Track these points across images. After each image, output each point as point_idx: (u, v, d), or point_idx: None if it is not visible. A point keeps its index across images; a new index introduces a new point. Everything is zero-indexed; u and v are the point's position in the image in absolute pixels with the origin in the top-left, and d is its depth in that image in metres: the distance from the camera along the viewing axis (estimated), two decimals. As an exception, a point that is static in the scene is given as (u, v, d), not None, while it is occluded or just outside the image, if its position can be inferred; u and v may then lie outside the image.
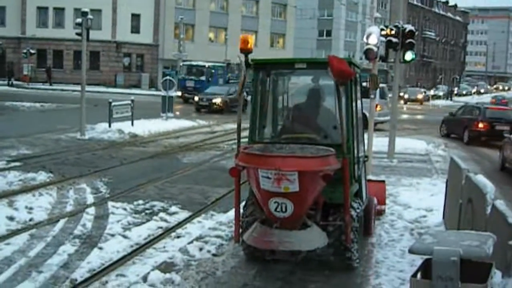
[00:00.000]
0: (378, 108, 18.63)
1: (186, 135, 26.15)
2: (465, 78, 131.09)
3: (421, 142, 26.28)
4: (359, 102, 9.53)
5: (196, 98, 40.43)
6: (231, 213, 11.54)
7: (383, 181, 12.74)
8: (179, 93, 45.17)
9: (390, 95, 17.43)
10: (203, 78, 49.18)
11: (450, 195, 10.89)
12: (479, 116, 28.44)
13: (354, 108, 8.81)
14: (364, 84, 12.17)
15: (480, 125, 27.88)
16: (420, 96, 69.94)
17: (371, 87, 15.26)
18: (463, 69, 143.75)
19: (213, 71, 50.47)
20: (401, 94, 65.40)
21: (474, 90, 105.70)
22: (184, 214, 11.92)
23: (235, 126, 32.16)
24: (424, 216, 12.11)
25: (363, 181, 9.90)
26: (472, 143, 27.73)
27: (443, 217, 11.47)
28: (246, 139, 9.11)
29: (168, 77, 31.54)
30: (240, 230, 8.56)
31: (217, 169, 17.50)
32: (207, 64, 51.07)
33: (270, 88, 9.22)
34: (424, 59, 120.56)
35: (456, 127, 30.21)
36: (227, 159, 19.35)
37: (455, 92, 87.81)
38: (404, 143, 23.88)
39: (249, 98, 46.26)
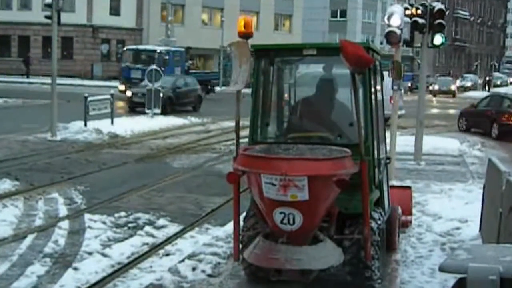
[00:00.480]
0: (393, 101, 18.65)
1: (176, 134, 26.19)
2: (505, 65, 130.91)
3: (453, 141, 26.29)
4: (379, 94, 9.46)
5: (129, 93, 35.68)
6: (230, 226, 11.52)
7: (409, 187, 12.73)
8: (122, 87, 41.24)
9: (394, 87, 17.32)
10: (154, 66, 44.73)
11: (488, 204, 10.89)
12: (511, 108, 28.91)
13: (373, 102, 8.74)
14: (385, 73, 12.10)
15: None
16: (453, 87, 70.10)
17: (394, 77, 15.26)
18: (502, 54, 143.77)
19: (167, 57, 45.64)
20: (430, 85, 65.46)
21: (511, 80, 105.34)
22: (174, 228, 11.94)
23: (233, 123, 32.10)
24: (458, 228, 12.10)
25: (385, 188, 9.83)
26: (504, 139, 28.10)
27: (480, 229, 11.47)
28: (246, 139, 9.11)
29: (153, 67, 31.57)
30: (240, 246, 8.48)
31: (212, 175, 17.52)
32: (158, 49, 46.85)
33: (274, 78, 9.15)
34: (456, 44, 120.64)
35: (480, 121, 30.63)
36: (224, 163, 19.37)
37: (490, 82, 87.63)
38: (433, 142, 23.88)
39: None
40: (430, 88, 64.49)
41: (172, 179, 16.70)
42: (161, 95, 31.78)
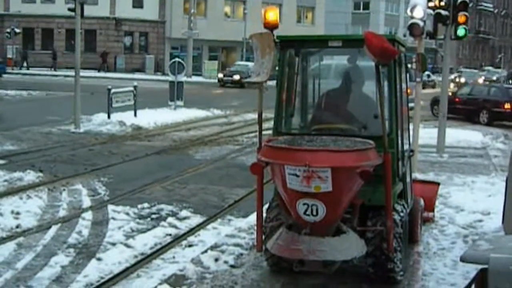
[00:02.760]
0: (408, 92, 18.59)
1: (198, 127, 26.25)
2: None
3: (476, 133, 26.16)
4: (404, 86, 9.49)
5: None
6: (252, 218, 11.58)
7: (438, 184, 12.61)
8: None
9: (417, 79, 17.30)
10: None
11: (511, 196, 10.84)
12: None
13: (398, 94, 8.77)
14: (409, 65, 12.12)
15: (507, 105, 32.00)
16: (480, 80, 69.17)
17: (418, 69, 15.27)
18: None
19: None
20: (454, 77, 64.93)
21: None
22: (196, 219, 11.99)
23: (256, 116, 32.10)
24: (480, 221, 12.08)
25: (408, 180, 9.83)
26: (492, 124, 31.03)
27: (503, 222, 11.41)
28: (270, 131, 9.14)
29: (177, 59, 31.64)
30: (263, 237, 8.51)
31: (235, 167, 17.57)
32: None
33: (299, 70, 9.21)
34: (480, 36, 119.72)
35: (462, 108, 33.03)
36: (247, 155, 19.40)
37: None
38: (456, 135, 23.80)
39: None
40: (457, 80, 63.83)
41: (194, 171, 16.76)
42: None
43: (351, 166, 7.35)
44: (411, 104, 18.17)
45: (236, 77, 52.94)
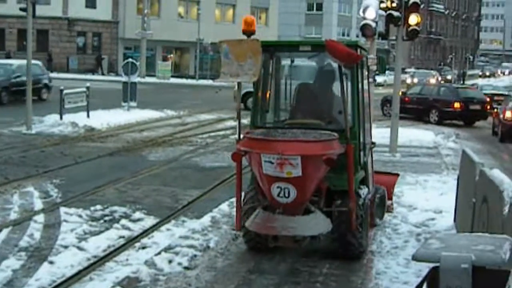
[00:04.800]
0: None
1: (152, 128, 26.12)
2: (479, 58, 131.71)
3: (428, 133, 26.47)
4: (366, 85, 10.71)
5: None
6: (206, 219, 11.65)
7: (397, 174, 13.47)
8: None
9: (370, 79, 17.58)
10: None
11: (462, 194, 10.98)
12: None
13: (360, 92, 9.89)
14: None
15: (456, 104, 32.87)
16: (432, 81, 69.76)
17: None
18: (477, 47, 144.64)
19: None
20: (406, 78, 65.48)
21: (488, 72, 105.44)
22: (150, 221, 11.90)
23: (211, 116, 32.50)
24: (433, 219, 12.21)
25: (370, 169, 10.88)
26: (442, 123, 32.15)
27: (455, 220, 11.56)
28: (223, 132, 9.18)
29: (130, 60, 31.46)
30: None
31: (189, 168, 17.51)
32: None
33: (273, 71, 10.41)
34: (431, 36, 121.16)
35: (411, 108, 33.80)
36: (200, 156, 19.36)
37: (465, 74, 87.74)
38: (408, 134, 24.04)
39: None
40: (408, 81, 64.34)
41: (148, 172, 16.65)
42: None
43: (318, 154, 8.59)
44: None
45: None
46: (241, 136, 9.51)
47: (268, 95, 10.39)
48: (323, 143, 8.80)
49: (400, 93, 33.13)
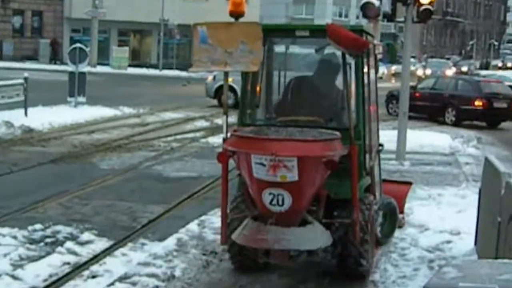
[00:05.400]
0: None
1: (105, 129, 26.06)
2: (506, 45, 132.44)
3: (443, 136, 26.57)
4: (373, 78, 11.11)
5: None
6: (170, 242, 11.63)
7: (409, 183, 13.88)
8: None
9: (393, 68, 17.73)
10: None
11: (485, 211, 11.00)
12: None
13: (366, 86, 10.25)
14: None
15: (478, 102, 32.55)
16: (449, 72, 70.06)
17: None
18: (503, 31, 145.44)
19: None
20: (417, 68, 65.73)
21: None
22: (102, 244, 11.86)
23: (177, 115, 32.45)
24: (449, 242, 12.23)
25: (377, 175, 11.35)
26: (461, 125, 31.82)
27: (475, 243, 11.59)
28: (190, 135, 9.19)
29: (78, 45, 31.37)
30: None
31: (150, 178, 17.48)
32: None
33: (265, 60, 10.40)
34: (447, 18, 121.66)
35: (423, 105, 33.80)
36: (164, 163, 19.34)
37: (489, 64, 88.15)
38: (419, 138, 24.12)
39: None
40: (419, 73, 64.67)
41: (99, 184, 16.61)
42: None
43: (317, 156, 8.73)
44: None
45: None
46: (229, 134, 9.60)
47: (259, 88, 10.68)
48: (324, 143, 8.97)
49: (410, 88, 33.46)
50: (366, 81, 10.26)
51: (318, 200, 9.45)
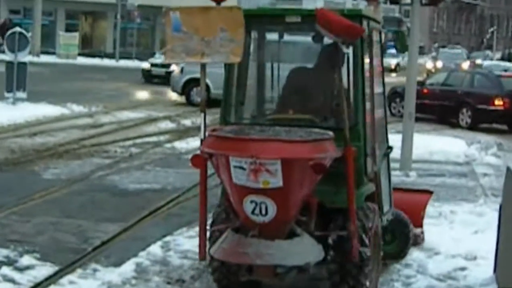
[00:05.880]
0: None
1: (49, 130, 26.01)
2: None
3: (457, 141, 26.66)
4: (379, 69, 11.46)
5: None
6: (128, 267, 11.63)
7: (430, 192, 13.93)
8: None
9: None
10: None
11: (507, 232, 11.05)
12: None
13: (367, 80, 10.41)
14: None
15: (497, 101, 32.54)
16: (464, 65, 69.98)
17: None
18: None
19: None
20: (424, 60, 65.89)
21: None
22: (45, 270, 11.81)
23: (137, 115, 32.37)
24: (463, 269, 12.24)
25: (385, 183, 11.50)
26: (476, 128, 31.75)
27: (495, 270, 11.63)
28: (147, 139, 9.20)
29: (17, 29, 31.28)
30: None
31: (103, 191, 17.43)
32: None
33: (251, 50, 10.91)
34: (463, 1, 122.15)
35: (433, 104, 33.97)
36: (121, 173, 19.31)
37: None
38: (428, 144, 24.17)
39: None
40: (428, 66, 64.85)
41: (43, 197, 16.55)
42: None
43: (304, 158, 8.83)
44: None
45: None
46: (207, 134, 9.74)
47: (245, 83, 10.95)
48: (312, 144, 9.03)
49: (417, 83, 33.51)
50: (367, 74, 10.46)
51: (308, 210, 9.57)
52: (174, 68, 36.31)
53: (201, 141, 9.71)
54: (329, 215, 9.84)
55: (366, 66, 10.48)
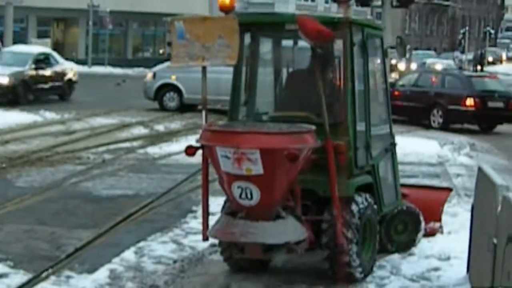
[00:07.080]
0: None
1: (22, 138, 25.90)
2: (504, 34, 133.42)
3: (429, 142, 26.76)
4: (380, 69, 13.05)
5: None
6: (102, 274, 11.61)
7: (449, 189, 15.44)
8: None
9: None
10: None
11: (479, 232, 11.07)
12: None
13: (357, 79, 11.62)
14: None
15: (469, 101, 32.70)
16: (438, 67, 69.86)
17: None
18: (500, 17, 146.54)
19: None
20: (396, 62, 65.88)
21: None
22: (18, 278, 11.77)
23: (110, 121, 32.30)
24: (436, 269, 12.28)
25: (388, 176, 12.98)
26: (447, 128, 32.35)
27: (468, 270, 11.66)
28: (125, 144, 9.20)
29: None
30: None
31: (76, 198, 17.37)
32: None
33: (255, 54, 12.42)
34: (435, 2, 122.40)
35: (403, 105, 33.75)
36: (94, 179, 19.24)
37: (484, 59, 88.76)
38: (401, 145, 24.07)
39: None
40: (401, 67, 64.82)
41: (15, 205, 16.50)
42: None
43: (278, 148, 10.15)
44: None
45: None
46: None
47: (249, 83, 12.28)
48: (288, 136, 10.52)
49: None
50: (359, 73, 11.82)
51: (293, 195, 10.90)
52: (147, 73, 36.18)
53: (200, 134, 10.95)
54: (322, 203, 11.15)
55: (359, 68, 11.80)
